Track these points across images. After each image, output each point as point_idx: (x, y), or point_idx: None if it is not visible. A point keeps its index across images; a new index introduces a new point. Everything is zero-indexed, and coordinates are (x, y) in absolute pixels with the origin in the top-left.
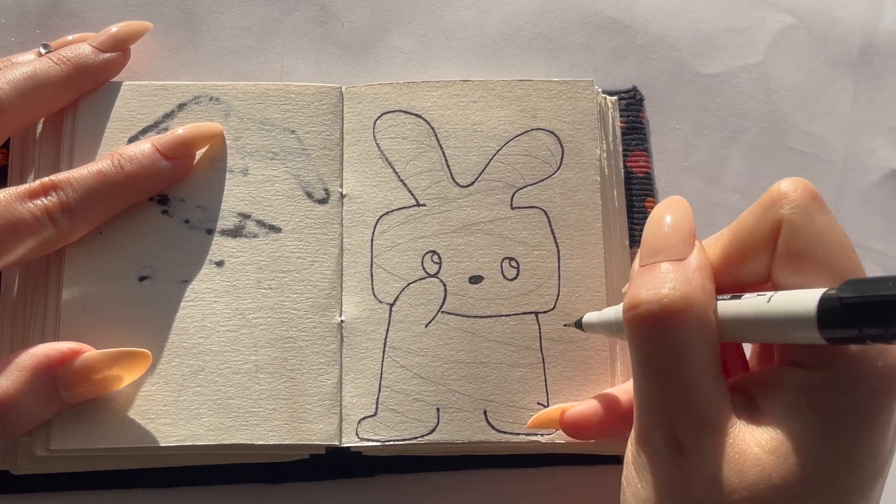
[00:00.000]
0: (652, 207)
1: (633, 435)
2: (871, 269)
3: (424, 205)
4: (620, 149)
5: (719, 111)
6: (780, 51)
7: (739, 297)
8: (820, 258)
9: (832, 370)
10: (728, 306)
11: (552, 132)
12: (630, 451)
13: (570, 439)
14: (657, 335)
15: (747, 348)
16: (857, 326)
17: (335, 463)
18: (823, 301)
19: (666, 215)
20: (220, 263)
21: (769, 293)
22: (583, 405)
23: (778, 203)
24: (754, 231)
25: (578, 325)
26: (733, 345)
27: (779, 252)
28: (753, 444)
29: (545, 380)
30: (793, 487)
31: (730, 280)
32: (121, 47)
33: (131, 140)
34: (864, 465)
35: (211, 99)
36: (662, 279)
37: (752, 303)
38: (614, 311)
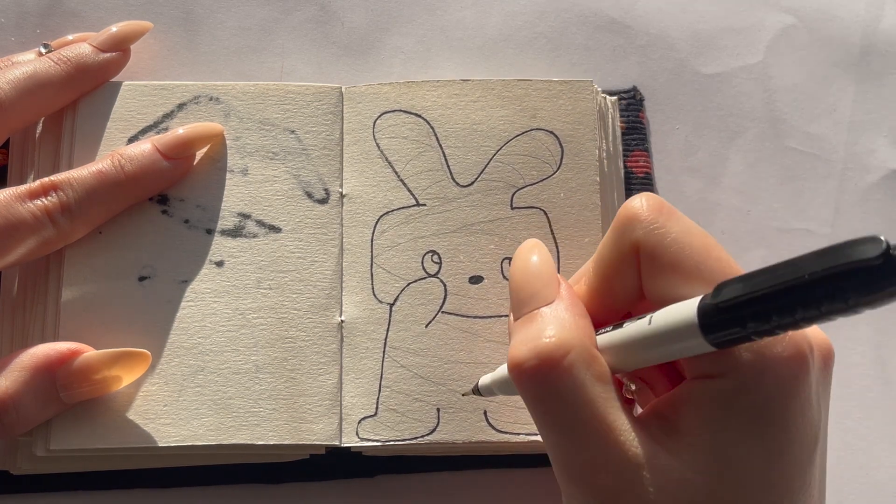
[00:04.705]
0: None
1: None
2: None
3: (424, 204)
4: (620, 149)
5: (719, 111)
6: (780, 51)
7: (621, 325)
8: (689, 266)
9: (738, 373)
10: (611, 337)
11: (552, 132)
12: None
13: None
14: (546, 389)
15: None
16: (741, 324)
17: (335, 463)
18: (702, 308)
19: (524, 263)
20: (220, 263)
21: (649, 315)
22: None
23: (629, 225)
24: (613, 258)
25: (476, 391)
26: (661, 366)
27: (645, 274)
28: (683, 468)
29: None
30: (731, 498)
31: (604, 309)
32: (121, 47)
33: (131, 140)
34: (794, 450)
35: (211, 99)
36: (536, 331)
37: (634, 328)
38: (504, 370)
